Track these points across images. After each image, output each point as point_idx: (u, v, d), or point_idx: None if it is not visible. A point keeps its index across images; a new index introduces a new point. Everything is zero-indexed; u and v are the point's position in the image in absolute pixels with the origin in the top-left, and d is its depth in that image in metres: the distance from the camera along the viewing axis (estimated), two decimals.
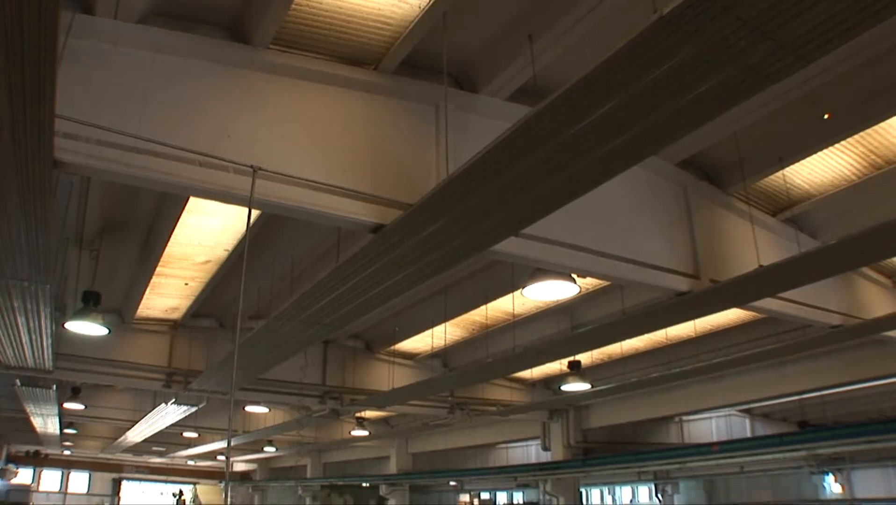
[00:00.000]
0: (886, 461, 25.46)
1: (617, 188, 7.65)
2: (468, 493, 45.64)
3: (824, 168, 9.50)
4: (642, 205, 8.77)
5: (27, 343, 11.27)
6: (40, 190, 5.85)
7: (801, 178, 9.75)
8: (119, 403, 24.06)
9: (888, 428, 14.11)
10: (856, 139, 8.83)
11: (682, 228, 9.05)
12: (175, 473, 50.45)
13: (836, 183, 9.75)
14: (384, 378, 17.27)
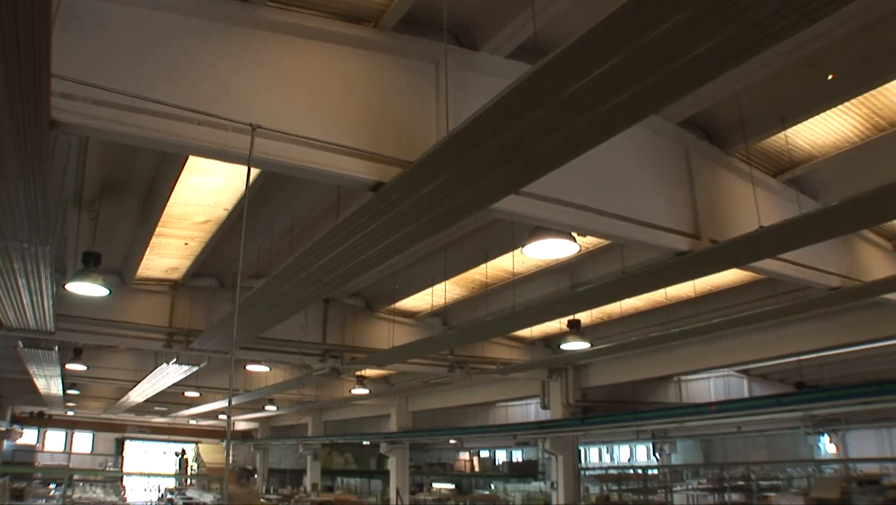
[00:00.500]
0: (880, 423, 25.83)
1: (617, 147, 7.61)
2: (468, 451, 46.09)
3: (827, 129, 9.44)
4: (643, 164, 8.74)
5: (28, 304, 11.29)
6: (38, 151, 5.82)
7: (804, 140, 9.69)
8: (121, 364, 24.19)
9: (884, 390, 14.20)
10: (859, 101, 8.76)
11: (683, 188, 9.03)
12: (177, 432, 50.86)
13: (839, 144, 9.70)
14: (384, 336, 17.35)
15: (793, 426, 26.20)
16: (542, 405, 22.67)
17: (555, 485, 22.33)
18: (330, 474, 46.10)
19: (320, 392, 29.34)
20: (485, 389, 25.72)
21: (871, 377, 19.86)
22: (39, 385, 24.86)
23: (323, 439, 38.63)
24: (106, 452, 49.99)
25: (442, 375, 20.26)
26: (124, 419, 46.97)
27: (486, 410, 33.97)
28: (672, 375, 23.07)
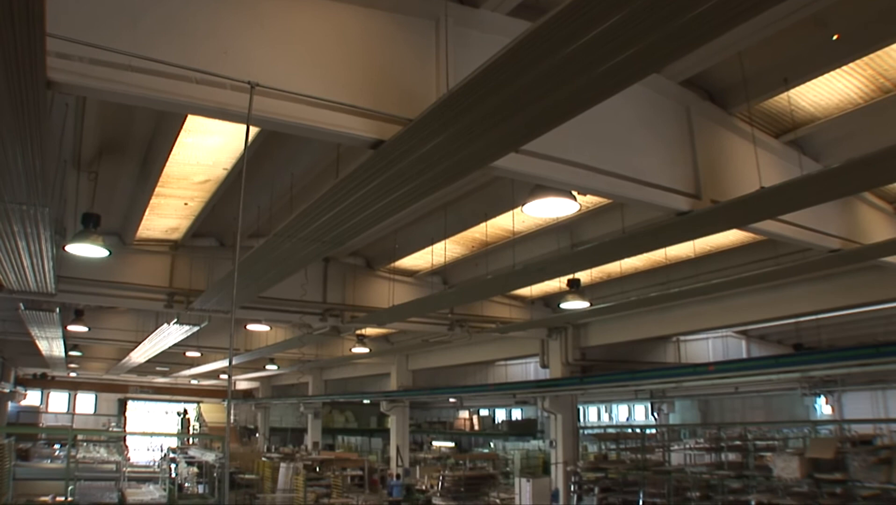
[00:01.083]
0: (875, 385, 26.02)
1: (618, 106, 7.58)
2: (467, 409, 46.45)
3: (830, 90, 9.34)
4: (644, 123, 8.69)
5: (29, 267, 11.30)
6: (34, 112, 5.79)
7: (806, 101, 9.60)
8: (122, 325, 24.29)
9: (880, 352, 14.29)
10: (864, 61, 8.65)
11: (684, 148, 8.99)
12: (179, 392, 51.25)
13: (842, 106, 9.61)
14: (384, 295, 17.38)
15: (790, 387, 26.44)
16: (541, 364, 22.79)
17: (553, 443, 22.54)
18: (331, 433, 46.52)
19: (321, 351, 29.49)
20: (484, 347, 25.84)
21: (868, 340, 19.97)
22: (42, 347, 24.98)
23: (324, 398, 38.87)
24: (108, 413, 50.41)
25: (442, 334, 20.34)
26: (126, 380, 47.28)
27: (485, 368, 34.20)
28: (671, 335, 23.19)
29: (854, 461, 15.56)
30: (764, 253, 14.04)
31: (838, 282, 14.98)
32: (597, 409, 42.87)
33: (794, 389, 26.64)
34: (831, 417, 27.60)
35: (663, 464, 21.87)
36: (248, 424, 52.07)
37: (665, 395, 32.92)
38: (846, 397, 27.92)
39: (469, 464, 28.73)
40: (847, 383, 26.21)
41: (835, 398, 27.91)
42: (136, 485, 15.49)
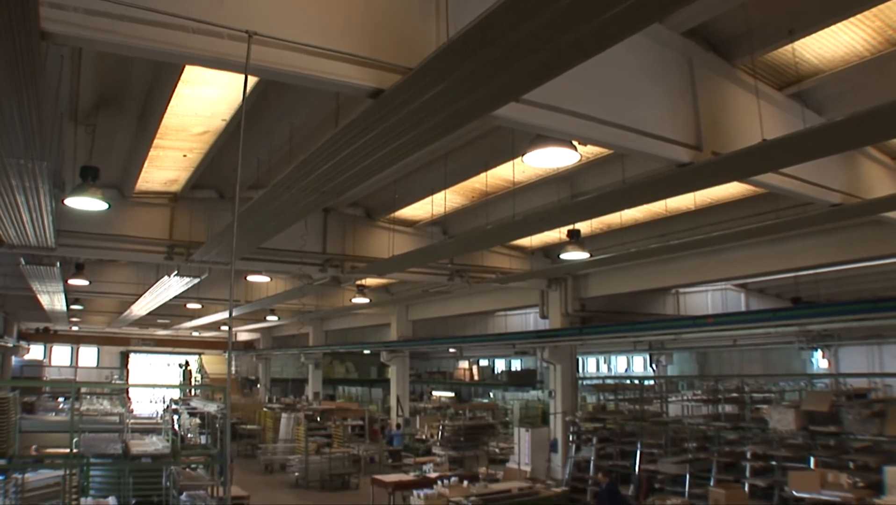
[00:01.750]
0: (872, 340, 26.20)
1: (620, 56, 7.50)
2: (467, 360, 46.74)
3: (836, 43, 9.20)
4: (645, 74, 8.60)
5: (28, 221, 11.28)
6: (29, 64, 5.72)
7: (811, 53, 9.47)
8: (122, 278, 24.36)
9: (878, 307, 14.34)
10: (872, 13, 8.48)
11: (686, 99, 8.91)
12: (180, 344, 51.57)
13: (847, 59, 9.47)
14: (384, 245, 17.39)
15: (787, 341, 26.66)
16: (540, 315, 22.89)
17: (553, 394, 22.74)
18: (331, 383, 46.91)
19: (321, 302, 29.60)
20: (484, 298, 25.95)
21: (866, 295, 20.10)
22: (43, 301, 25.07)
23: (324, 349, 39.14)
24: (111, 366, 50.80)
25: (441, 284, 20.40)
26: (128, 333, 47.55)
27: (485, 319, 34.36)
28: (670, 288, 23.28)
29: (848, 414, 15.74)
30: (764, 206, 14.01)
31: (838, 236, 15.01)
32: (596, 360, 43.16)
33: (791, 343, 26.89)
34: (827, 370, 27.88)
35: (661, 415, 22.06)
36: (250, 376, 52.50)
37: (664, 347, 33.13)
38: (843, 352, 28.18)
39: (469, 414, 28.96)
40: (844, 338, 26.42)
41: (831, 352, 28.18)
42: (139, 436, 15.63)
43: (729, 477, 16.99)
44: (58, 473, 13.02)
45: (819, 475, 13.73)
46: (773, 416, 16.94)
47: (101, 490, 14.07)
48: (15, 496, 12.24)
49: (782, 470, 15.88)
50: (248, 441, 31.74)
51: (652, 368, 34.86)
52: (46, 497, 12.95)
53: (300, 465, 24.35)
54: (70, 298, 26.22)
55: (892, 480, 12.73)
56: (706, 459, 18.05)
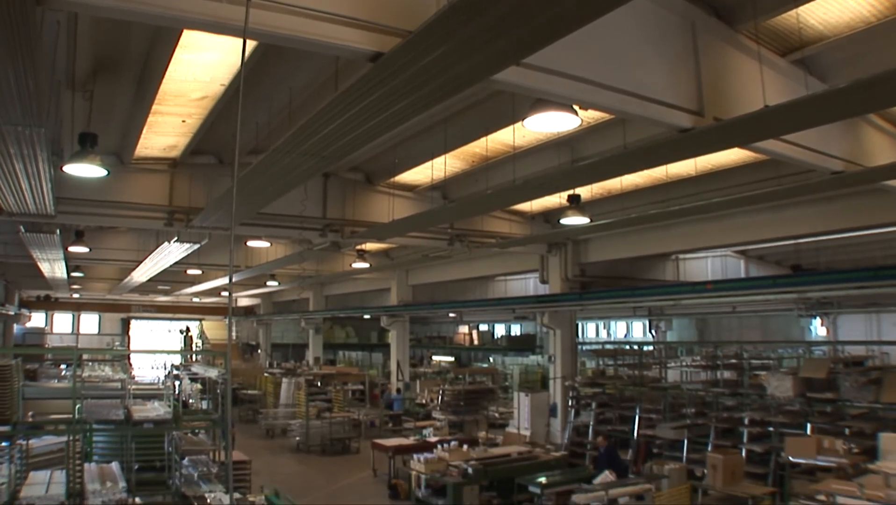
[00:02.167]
0: (870, 308, 26.30)
1: (622, 20, 7.45)
2: (467, 324, 46.91)
3: (841, 8, 9.06)
4: (647, 38, 8.51)
5: (27, 189, 11.25)
6: (25, 29, 5.66)
7: (815, 18, 9.33)
8: (122, 245, 24.37)
9: (878, 275, 14.36)
10: None
11: (688, 64, 8.83)
12: (181, 310, 51.70)
13: (853, 25, 9.33)
14: (384, 210, 17.36)
15: (786, 308, 26.78)
16: (540, 280, 22.93)
17: (552, 358, 22.84)
18: (332, 348, 47.12)
19: (321, 267, 29.62)
20: (484, 262, 25.97)
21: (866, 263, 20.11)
22: (44, 269, 25.09)
23: (324, 314, 39.26)
24: (112, 332, 51.00)
25: (441, 249, 20.40)
26: (129, 299, 47.65)
27: (485, 284, 34.43)
28: (670, 253, 23.29)
29: (845, 381, 15.85)
30: (765, 173, 13.95)
31: (839, 204, 15.00)
32: (595, 325, 43.31)
33: (790, 310, 27.06)
34: (826, 338, 28.03)
35: (660, 380, 22.17)
36: (250, 341, 52.71)
37: (663, 312, 33.26)
38: (841, 319, 28.33)
39: (468, 378, 29.09)
40: (843, 306, 26.60)
41: (830, 320, 28.34)
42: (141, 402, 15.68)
43: (726, 442, 17.13)
44: (61, 439, 13.11)
45: (815, 441, 13.84)
46: (771, 382, 17.05)
47: (104, 455, 14.17)
48: (20, 462, 12.33)
49: (779, 436, 16.02)
50: (249, 406, 31.93)
51: (651, 334, 35.02)
52: (51, 463, 13.05)
53: (301, 429, 24.53)
54: (70, 265, 26.24)
55: (886, 445, 12.84)
56: (704, 424, 18.18)
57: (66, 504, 11.64)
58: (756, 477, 15.65)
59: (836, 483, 10.90)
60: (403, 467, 18.48)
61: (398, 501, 17.71)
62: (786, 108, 7.96)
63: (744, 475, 14.81)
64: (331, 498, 18.04)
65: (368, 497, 18.32)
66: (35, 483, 11.94)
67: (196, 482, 12.75)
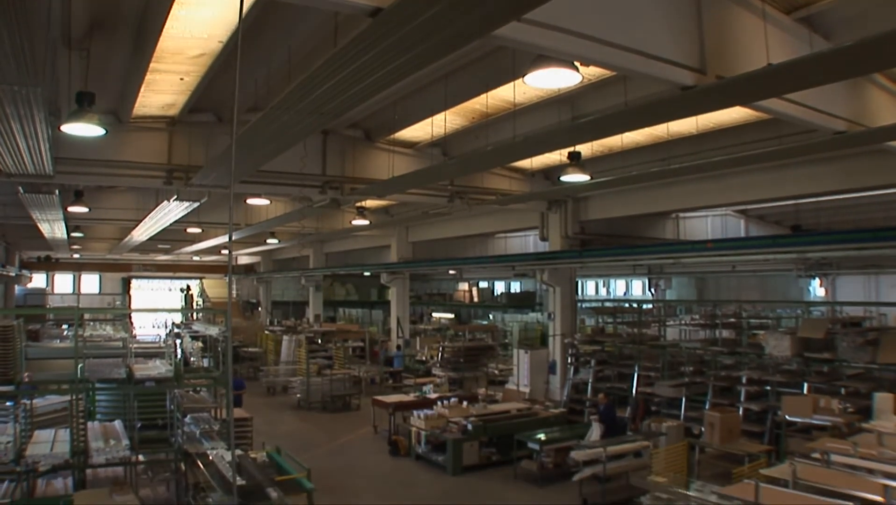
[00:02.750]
0: (869, 269, 26.38)
1: None
2: (467, 282, 46.99)
3: None
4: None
5: (25, 149, 11.20)
6: None
7: None
8: (122, 204, 24.32)
9: (877, 237, 14.39)
10: None
11: (691, 21, 8.72)
12: (181, 269, 51.78)
13: None
14: (384, 167, 17.30)
15: (785, 268, 26.86)
16: (540, 237, 22.92)
17: (552, 316, 22.93)
18: (332, 305, 47.27)
19: (321, 224, 29.59)
20: (484, 219, 25.95)
21: (866, 224, 20.09)
22: (44, 230, 25.08)
23: (324, 271, 39.31)
24: (113, 292, 51.15)
25: (441, 206, 20.36)
26: (129, 259, 47.74)
27: (485, 241, 34.44)
28: (670, 212, 23.27)
29: (843, 342, 15.94)
30: (767, 132, 13.87)
31: (840, 165, 14.93)
32: (595, 283, 43.47)
33: (789, 271, 27.16)
34: (824, 298, 28.15)
35: (659, 339, 22.28)
36: (251, 299, 52.88)
37: (662, 271, 33.37)
38: (840, 280, 28.45)
39: (468, 335, 29.26)
40: (842, 267, 26.70)
41: (829, 281, 28.46)
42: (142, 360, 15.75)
43: (724, 401, 17.29)
44: (64, 398, 13.21)
45: (811, 401, 13.97)
46: (770, 342, 17.15)
47: (107, 414, 14.29)
48: (24, 421, 12.43)
49: (776, 395, 16.20)
50: (250, 364, 32.13)
51: (650, 292, 35.16)
52: (55, 422, 13.16)
53: (302, 386, 24.73)
54: (70, 225, 26.25)
55: (880, 405, 12.99)
56: (702, 382, 18.33)
57: (71, 462, 11.78)
58: (753, 435, 15.84)
59: (830, 442, 11.00)
60: (404, 424, 18.66)
61: (398, 458, 17.89)
62: (789, 66, 7.88)
63: (741, 433, 14.97)
64: (332, 454, 18.22)
65: (369, 453, 18.51)
66: (40, 442, 12.06)
67: (198, 439, 12.86)
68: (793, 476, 9.00)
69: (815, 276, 28.08)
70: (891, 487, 8.19)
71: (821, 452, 10.25)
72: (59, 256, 43.78)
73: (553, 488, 15.07)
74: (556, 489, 14.96)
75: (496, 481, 15.85)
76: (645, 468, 13.36)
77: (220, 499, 9.92)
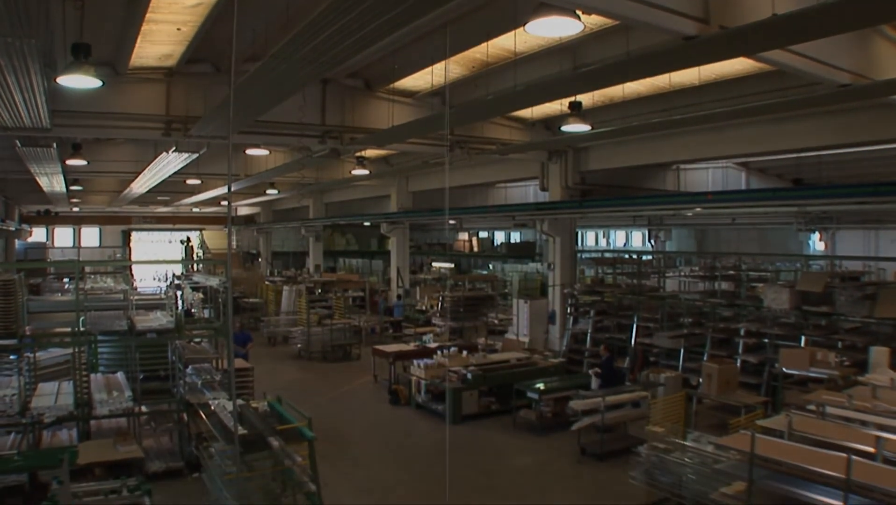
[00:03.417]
0: (869, 224, 26.36)
1: None
2: (467, 232, 46.99)
3: None
4: None
5: (21, 102, 11.12)
6: None
7: None
8: (121, 156, 24.20)
9: (878, 191, 14.31)
10: None
11: None
12: (181, 221, 51.70)
13: None
14: (384, 116, 17.17)
15: (785, 222, 26.83)
16: (540, 187, 22.86)
17: (551, 266, 22.95)
18: (332, 255, 47.33)
19: (320, 174, 29.49)
20: (484, 169, 25.87)
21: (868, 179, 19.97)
22: (42, 183, 25.01)
23: (324, 221, 39.31)
24: (113, 245, 51.19)
25: (441, 156, 20.27)
26: (129, 211, 47.66)
27: (485, 191, 34.33)
28: (671, 163, 23.14)
29: (841, 296, 16.00)
30: (771, 84, 13.72)
31: (844, 119, 14.77)
32: (595, 234, 43.46)
33: (789, 224, 27.12)
34: (824, 252, 28.19)
35: (658, 290, 22.36)
36: (251, 250, 52.91)
37: (662, 222, 33.37)
38: (840, 235, 28.45)
39: (468, 285, 29.29)
40: (842, 221, 26.68)
41: (829, 235, 28.47)
42: (143, 312, 15.83)
43: (722, 353, 17.43)
44: (67, 351, 13.31)
45: (809, 354, 14.05)
46: (768, 294, 17.22)
47: (109, 366, 14.42)
48: (28, 374, 12.54)
49: (774, 347, 16.27)
50: (250, 314, 32.27)
51: (650, 244, 35.20)
52: (58, 374, 13.28)
53: (302, 336, 24.86)
54: (69, 178, 26.15)
55: (876, 358, 13.07)
56: (701, 334, 18.46)
57: (75, 414, 11.91)
58: (750, 387, 16.01)
59: (826, 394, 11.11)
60: (404, 373, 18.80)
61: (398, 406, 18.05)
62: (795, 17, 7.75)
63: (738, 385, 15.14)
64: (332, 403, 18.40)
65: (369, 402, 18.69)
66: (44, 394, 12.21)
67: (200, 390, 12.99)
68: (788, 427, 9.10)
69: (815, 230, 28.12)
70: (883, 438, 8.28)
71: (816, 405, 10.35)
72: (58, 209, 43.70)
73: (552, 437, 15.23)
74: (554, 438, 15.12)
75: (495, 430, 16.02)
76: (643, 418, 13.53)
77: (222, 448, 10.04)
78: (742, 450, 8.38)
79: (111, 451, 11.10)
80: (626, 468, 11.10)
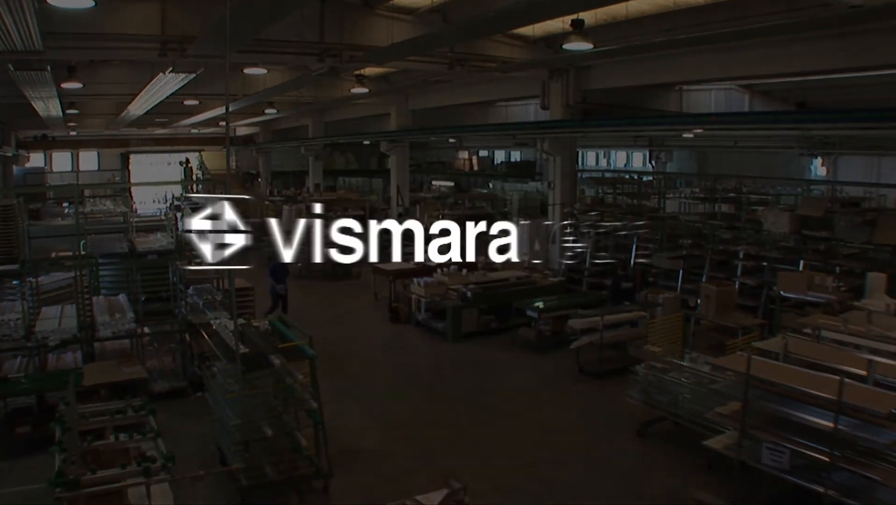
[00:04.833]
0: (872, 150, 26.17)
1: None
2: (467, 150, 46.74)
3: None
4: None
5: (11, 23, 10.89)
6: None
7: None
8: (117, 78, 23.84)
9: (883, 116, 14.16)
10: None
11: None
12: (180, 142, 51.38)
13: None
14: (383, 34, 16.89)
15: (788, 146, 26.65)
16: (541, 106, 22.64)
17: (552, 185, 22.91)
18: (332, 175, 47.16)
19: (319, 93, 29.20)
20: (485, 87, 25.51)
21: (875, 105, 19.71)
22: (38, 108, 24.74)
23: (324, 140, 39.10)
24: (112, 168, 51.05)
25: (442, 73, 20.07)
26: (127, 134, 47.33)
27: (485, 109, 34.04)
28: (674, 83, 22.80)
29: (841, 221, 16.07)
30: (778, 5, 13.36)
31: (852, 41, 14.36)
32: (595, 154, 43.21)
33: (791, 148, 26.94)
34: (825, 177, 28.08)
35: (658, 210, 22.35)
36: (250, 170, 52.69)
37: (664, 143, 33.14)
38: (841, 160, 28.32)
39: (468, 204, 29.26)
40: (845, 147, 26.45)
41: (830, 160, 28.35)
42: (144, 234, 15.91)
43: (721, 274, 17.55)
44: (69, 274, 13.41)
45: (807, 277, 14.20)
46: (768, 218, 17.29)
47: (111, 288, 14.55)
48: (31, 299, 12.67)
49: (772, 271, 16.38)
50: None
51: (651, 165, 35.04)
52: (61, 298, 13.42)
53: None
54: (65, 102, 25.85)
55: (873, 284, 13.22)
56: (700, 256, 18.56)
57: (79, 336, 12.07)
58: (747, 309, 16.17)
59: (822, 318, 11.26)
60: (404, 291, 18.97)
61: (399, 324, 18.26)
62: None
63: (735, 307, 15.29)
64: (333, 321, 18.62)
65: (370, 320, 18.93)
66: (47, 318, 12.39)
67: (201, 310, 13.14)
68: (784, 349, 9.24)
69: (817, 154, 27.96)
70: (875, 361, 8.44)
71: (812, 328, 10.51)
72: (55, 134, 43.41)
73: (551, 356, 15.45)
74: (553, 357, 15.34)
75: (495, 348, 16.26)
76: (641, 338, 13.70)
77: (224, 367, 10.20)
78: (738, 371, 8.53)
79: (115, 372, 11.28)
80: (624, 387, 11.33)
